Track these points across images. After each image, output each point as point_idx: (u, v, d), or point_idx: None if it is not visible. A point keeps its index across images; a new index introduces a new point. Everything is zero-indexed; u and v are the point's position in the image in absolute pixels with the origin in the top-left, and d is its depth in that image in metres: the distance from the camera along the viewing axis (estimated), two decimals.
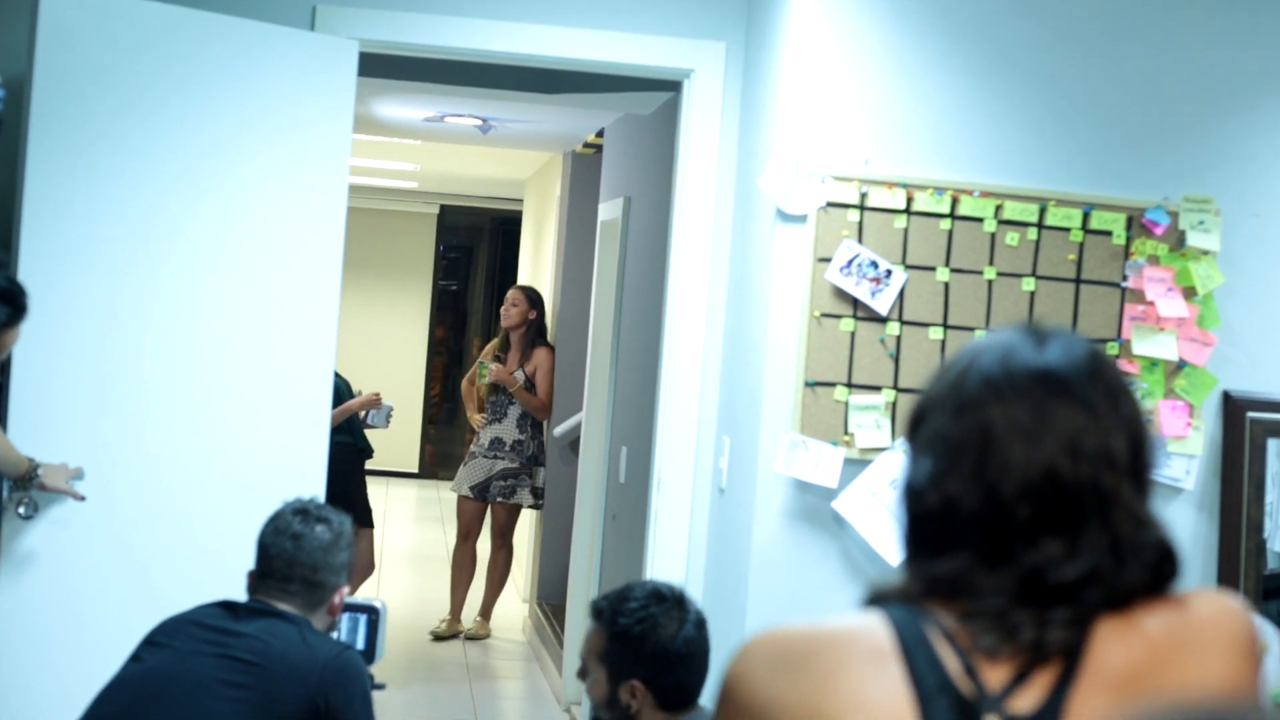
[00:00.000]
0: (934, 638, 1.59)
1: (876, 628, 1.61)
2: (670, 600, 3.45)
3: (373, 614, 3.92)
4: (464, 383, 8.96)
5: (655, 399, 5.10)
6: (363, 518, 7.32)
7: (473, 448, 8.53)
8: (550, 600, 8.60)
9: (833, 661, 1.59)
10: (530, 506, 8.55)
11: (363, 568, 7.40)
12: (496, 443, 8.38)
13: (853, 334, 4.29)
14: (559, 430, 8.45)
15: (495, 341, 8.60)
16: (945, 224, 4.31)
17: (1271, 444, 4.32)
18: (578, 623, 7.21)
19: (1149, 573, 1.60)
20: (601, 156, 7.92)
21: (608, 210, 7.21)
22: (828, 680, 1.58)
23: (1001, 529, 1.60)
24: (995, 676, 1.58)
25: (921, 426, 1.68)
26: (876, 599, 1.67)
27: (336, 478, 5.03)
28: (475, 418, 8.58)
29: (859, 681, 1.57)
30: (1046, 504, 1.59)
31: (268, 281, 4.63)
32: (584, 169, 8.75)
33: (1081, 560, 1.58)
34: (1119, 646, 1.57)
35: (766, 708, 1.60)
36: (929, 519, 1.64)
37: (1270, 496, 4.32)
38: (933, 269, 4.31)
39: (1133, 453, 1.63)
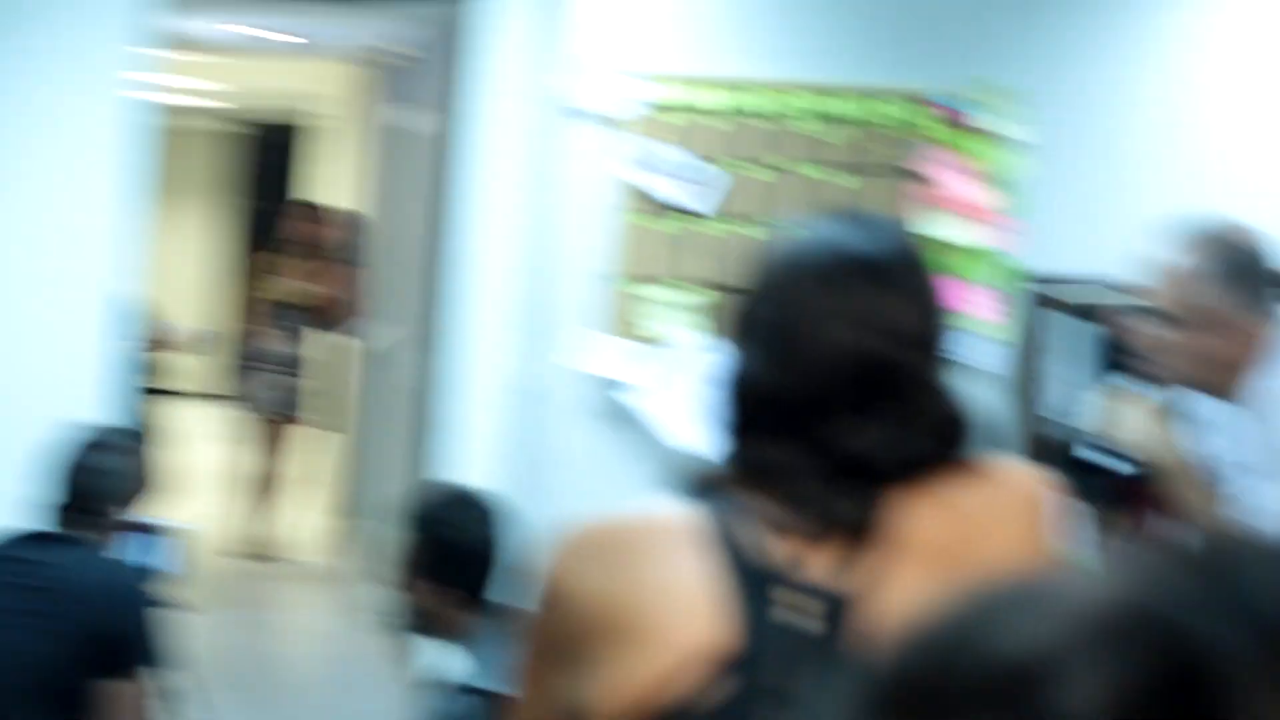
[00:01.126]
0: (745, 520, 1.60)
1: (690, 512, 1.62)
2: (473, 501, 3.45)
3: (166, 535, 3.87)
4: (247, 296, 8.75)
5: (454, 304, 5.02)
6: (153, 438, 7.15)
7: (257, 363, 8.35)
8: (353, 514, 8.51)
9: (647, 547, 1.60)
10: (315, 426, 8.45)
11: (156, 487, 7.24)
12: (286, 359, 8.24)
13: (667, 232, 4.25)
14: (363, 343, 8.33)
15: (294, 259, 8.42)
16: (763, 122, 4.29)
17: (1076, 326, 4.38)
18: (381, 534, 7.13)
19: (953, 445, 1.63)
20: (409, 67, 7.77)
21: (414, 121, 7.08)
22: (642, 567, 1.59)
23: (815, 411, 1.61)
24: (810, 556, 1.59)
25: (735, 314, 1.71)
26: (687, 486, 1.68)
27: (123, 399, 4.91)
28: (260, 332, 8.40)
29: (674, 566, 1.59)
30: (855, 383, 1.61)
31: (38, 202, 4.47)
32: (391, 81, 8.58)
33: (892, 438, 1.60)
34: (925, 519, 1.60)
35: (586, 599, 1.60)
36: (743, 404, 1.65)
37: (1075, 377, 4.38)
38: (751, 166, 4.28)
39: (935, 332, 1.67)
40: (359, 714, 6.19)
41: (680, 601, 1.55)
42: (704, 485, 1.65)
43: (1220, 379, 2.93)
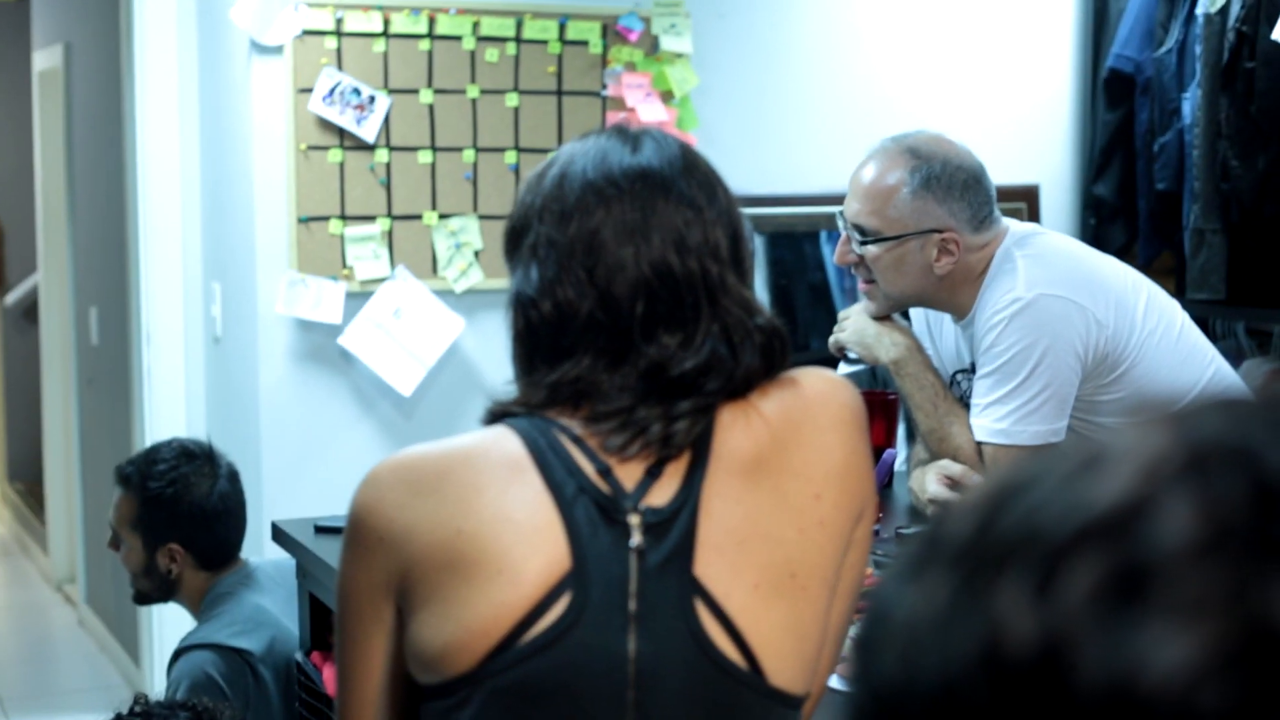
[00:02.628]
0: (565, 444, 1.60)
1: (507, 440, 1.60)
2: (200, 457, 3.34)
3: None
4: None
5: (130, 253, 4.85)
6: None
7: None
8: (24, 478, 8.17)
9: (469, 478, 1.57)
10: None
11: None
12: None
13: (341, 164, 4.18)
14: (11, 299, 7.97)
15: None
16: (424, 45, 4.24)
17: (756, 240, 4.50)
18: (60, 497, 6.89)
19: (762, 356, 1.64)
20: (29, 1, 7.40)
21: (45, 59, 6.75)
22: (468, 497, 1.56)
23: (619, 329, 1.61)
24: (629, 475, 1.60)
25: (524, 237, 1.66)
26: (498, 414, 1.65)
27: None
28: None
29: (499, 495, 1.56)
30: (660, 300, 1.61)
31: None
32: (8, 16, 8.17)
33: (699, 351, 1.61)
34: (742, 432, 1.61)
35: (406, 534, 1.56)
36: (543, 327, 1.63)
37: (756, 287, 4.51)
38: (416, 91, 4.24)
39: (733, 242, 1.67)
40: (54, 689, 5.99)
41: (516, 528, 1.54)
42: (518, 410, 1.63)
43: (933, 293, 2.97)
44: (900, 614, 0.60)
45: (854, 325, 3.07)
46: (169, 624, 4.60)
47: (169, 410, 4.69)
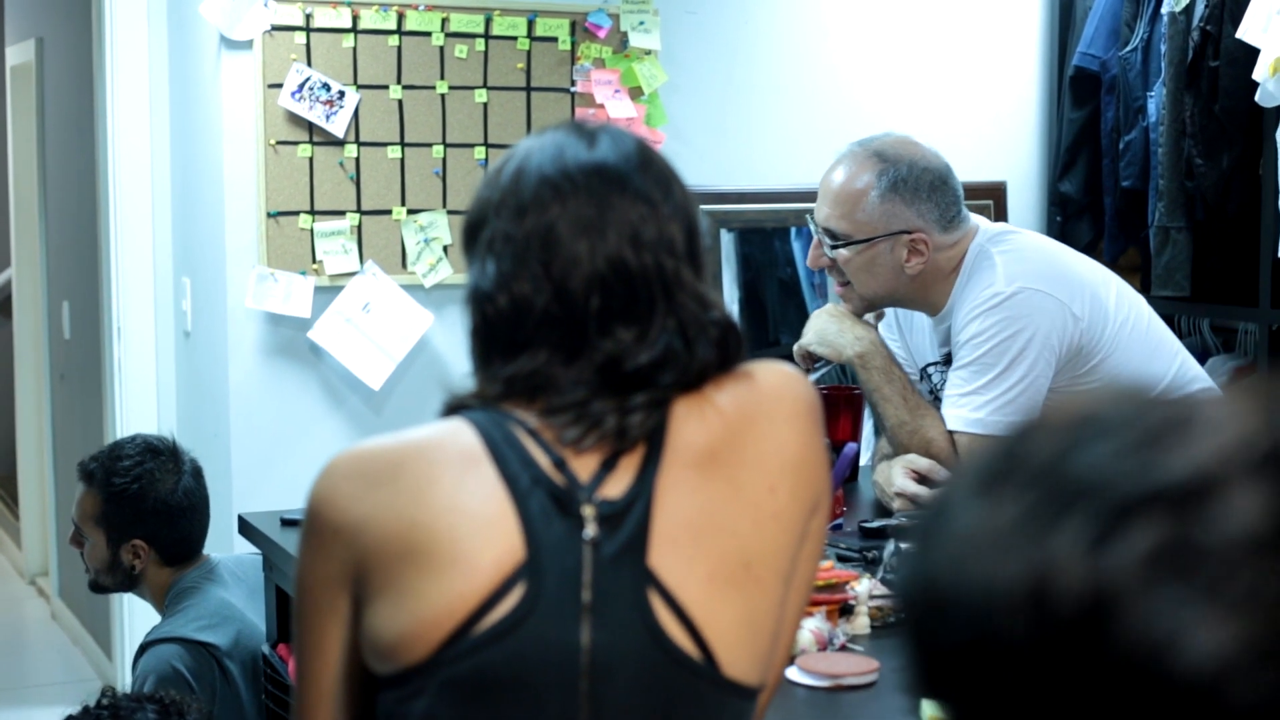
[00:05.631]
0: (520, 436, 1.60)
1: (462, 432, 1.60)
2: (164, 453, 3.35)
3: None
4: None
5: (101, 247, 4.86)
6: None
7: None
8: None
9: (424, 470, 1.57)
10: None
11: None
12: None
13: (310, 160, 4.19)
14: None
15: None
16: (393, 40, 4.25)
17: (724, 236, 4.51)
18: (33, 491, 6.88)
19: (717, 350, 1.65)
20: None
21: (17, 54, 6.75)
22: (422, 489, 1.57)
23: (574, 323, 1.61)
24: (584, 467, 1.60)
25: (481, 231, 1.67)
26: (455, 406, 1.65)
27: None
28: None
29: (454, 486, 1.57)
30: (615, 294, 1.61)
31: None
32: None
33: (654, 346, 1.61)
34: (696, 424, 1.62)
35: (361, 526, 1.57)
36: (499, 321, 1.63)
37: (726, 283, 4.52)
38: (385, 87, 4.25)
39: (688, 237, 1.67)
40: (26, 682, 5.99)
41: (471, 519, 1.55)
42: (474, 403, 1.64)
43: (906, 292, 3.00)
44: (963, 521, 0.63)
45: (815, 325, 3.09)
46: (141, 617, 4.61)
47: (140, 404, 4.69)
